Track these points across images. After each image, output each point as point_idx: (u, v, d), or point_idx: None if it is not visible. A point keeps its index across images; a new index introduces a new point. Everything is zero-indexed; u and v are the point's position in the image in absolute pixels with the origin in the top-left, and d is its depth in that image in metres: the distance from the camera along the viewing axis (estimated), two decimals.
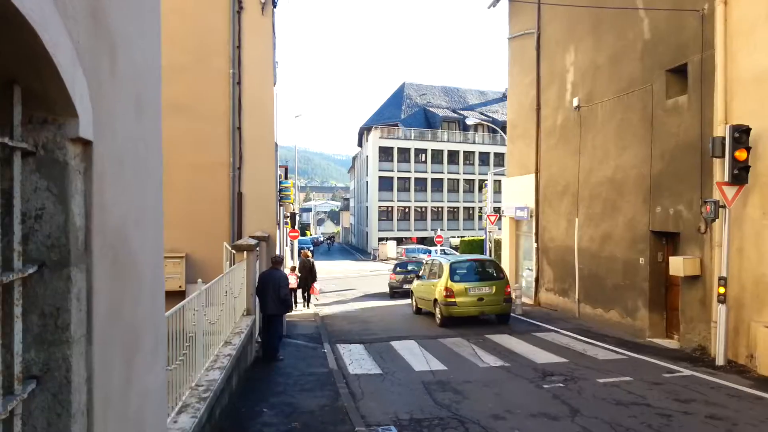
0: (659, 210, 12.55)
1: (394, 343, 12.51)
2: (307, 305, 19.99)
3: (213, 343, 7.21)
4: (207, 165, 12.73)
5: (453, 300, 14.57)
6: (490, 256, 25.85)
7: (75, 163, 2.19)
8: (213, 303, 7.25)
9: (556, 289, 17.69)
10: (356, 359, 11.10)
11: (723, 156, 10.26)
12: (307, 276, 19.94)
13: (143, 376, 3.12)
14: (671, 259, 11.70)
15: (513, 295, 16.07)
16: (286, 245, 26.28)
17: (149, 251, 3.34)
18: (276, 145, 14.60)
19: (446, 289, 14.66)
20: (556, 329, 14.10)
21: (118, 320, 2.65)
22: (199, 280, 6.11)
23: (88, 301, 2.28)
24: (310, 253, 22.57)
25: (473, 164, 64.10)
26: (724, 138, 10.26)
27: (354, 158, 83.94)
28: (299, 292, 19.96)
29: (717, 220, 10.38)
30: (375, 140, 60.91)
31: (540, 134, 18.80)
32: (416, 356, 11.20)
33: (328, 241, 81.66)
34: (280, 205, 16.86)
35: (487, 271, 15.85)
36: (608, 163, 14.68)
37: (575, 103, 16.29)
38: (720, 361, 10.06)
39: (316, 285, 21.20)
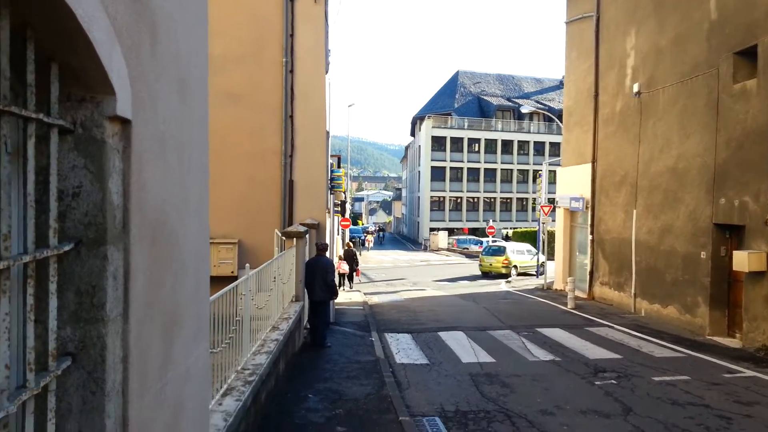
0: (723, 201, 11.93)
1: (442, 334, 12.40)
2: (351, 286, 22.80)
3: (261, 327, 7.29)
4: (260, 153, 12.90)
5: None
6: (543, 247, 25.35)
7: (113, 141, 2.19)
8: (261, 288, 7.32)
9: (611, 283, 17.14)
10: (403, 348, 11.05)
11: None
12: (351, 264, 22.66)
13: (184, 358, 3.14)
14: (735, 253, 11.11)
15: (565, 288, 15.68)
16: (338, 233, 26.47)
17: (193, 234, 3.35)
18: (328, 133, 14.64)
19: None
20: (609, 324, 13.67)
21: (157, 301, 2.66)
22: (247, 265, 6.17)
23: (126, 281, 2.28)
24: (352, 244, 25.96)
25: (528, 154, 62.84)
26: None
27: (406, 148, 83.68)
28: (345, 277, 22.56)
29: None
30: (428, 130, 60.50)
31: (598, 122, 18.18)
32: (464, 347, 11.06)
33: (380, 231, 71.92)
34: (331, 194, 16.95)
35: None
36: (669, 152, 14.05)
37: (635, 88, 15.65)
38: None
39: (360, 269, 25.17)
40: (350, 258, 22.89)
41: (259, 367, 6.02)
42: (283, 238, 10.07)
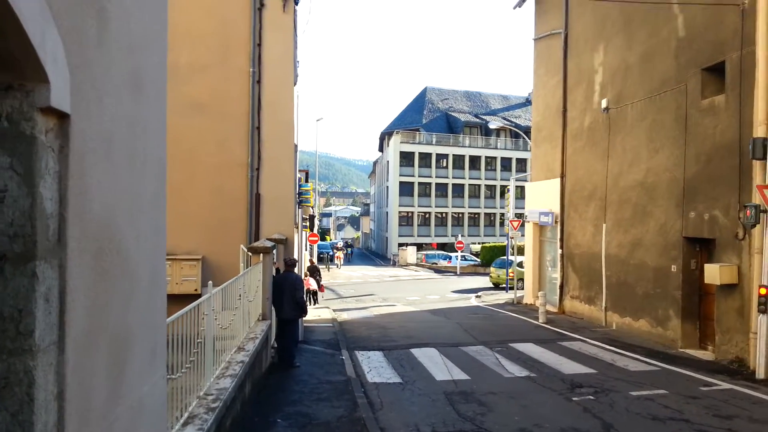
0: (693, 215, 11.99)
1: (414, 351, 12.09)
2: (314, 303, 22.32)
3: (225, 348, 6.88)
4: (226, 165, 12.48)
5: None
6: (512, 262, 25.40)
7: (46, 138, 1.85)
8: (226, 307, 6.93)
9: (582, 297, 17.12)
10: (375, 367, 10.71)
11: (764, 158, 9.73)
12: (314, 279, 22.75)
13: (136, 387, 2.77)
14: (707, 266, 11.13)
15: (535, 302, 15.62)
16: (306, 249, 26.00)
17: (146, 247, 2.99)
18: (296, 146, 14.31)
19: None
20: (582, 338, 13.57)
21: (103, 325, 2.30)
22: (210, 282, 5.78)
23: (61, 303, 1.92)
24: (315, 260, 27.15)
25: (495, 170, 63.39)
26: (765, 139, 9.75)
27: (375, 163, 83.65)
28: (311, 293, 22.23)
29: (757, 225, 9.80)
30: (396, 145, 60.56)
31: (566, 137, 18.27)
32: (437, 365, 10.77)
33: (348, 248, 67.77)
34: (299, 208, 16.58)
35: None
36: (639, 167, 14.13)
37: (604, 104, 15.76)
38: (761, 374, 9.47)
39: (323, 284, 25.01)
40: (313, 273, 23.03)
41: (224, 391, 5.62)
42: (249, 253, 9.68)
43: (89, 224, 2.11)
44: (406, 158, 60.77)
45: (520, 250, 25.03)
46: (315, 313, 18.39)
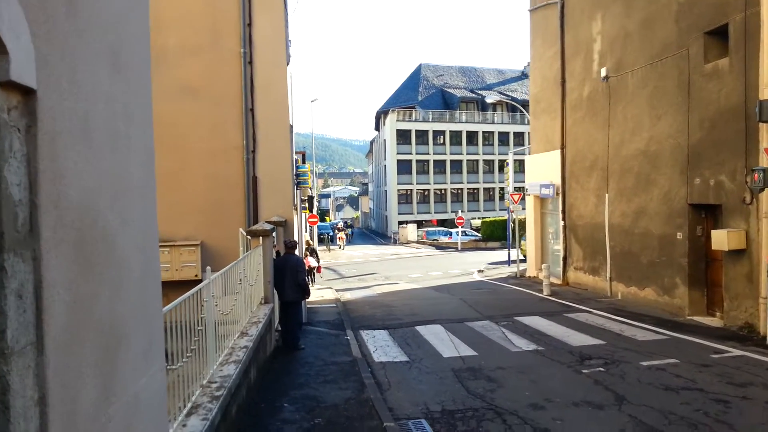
0: (698, 181, 11.80)
1: (420, 328, 12.00)
2: (312, 283, 21.81)
3: (228, 334, 6.75)
4: (221, 149, 12.24)
5: None
6: (513, 236, 25.20)
7: (10, 117, 1.65)
8: (227, 292, 6.78)
9: (586, 268, 17.01)
10: (381, 346, 10.61)
11: None
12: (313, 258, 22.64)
13: (131, 382, 2.61)
14: (714, 232, 10.98)
15: (539, 275, 15.51)
16: (306, 231, 25.87)
17: (135, 234, 2.80)
18: (291, 127, 14.05)
19: None
20: (588, 309, 13.47)
21: (89, 320, 2.13)
22: (208, 268, 5.61)
23: (37, 299, 1.74)
24: (311, 241, 26.43)
25: (493, 144, 63.01)
26: None
27: (371, 142, 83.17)
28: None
29: (765, 189, 9.62)
30: (392, 123, 60.12)
31: (565, 108, 18.00)
32: (443, 341, 10.67)
33: (349, 228, 62.94)
34: (297, 189, 16.38)
35: None
36: (641, 135, 13.90)
37: (603, 73, 15.47)
38: None
39: (320, 264, 24.43)
40: (312, 254, 22.80)
41: (228, 378, 5.49)
42: (249, 237, 9.51)
43: (66, 211, 1.93)
44: (402, 136, 60.36)
45: (522, 224, 24.90)
46: (318, 294, 18.30)
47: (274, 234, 10.64)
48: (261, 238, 9.58)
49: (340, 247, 45.48)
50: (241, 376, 6.10)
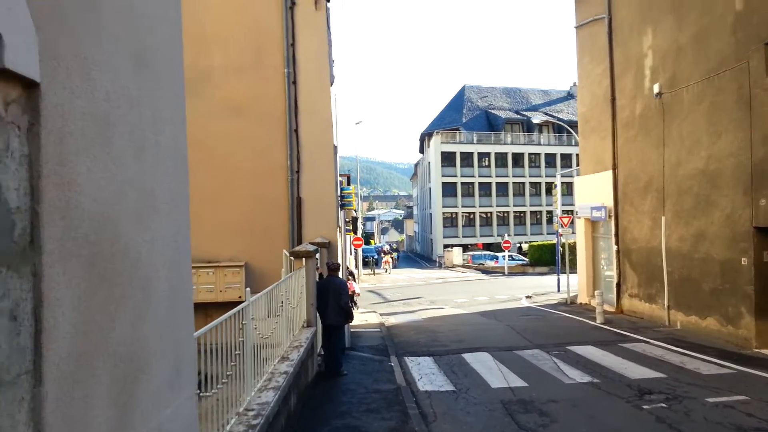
0: (764, 202, 11.06)
1: (466, 356, 11.54)
2: (356, 307, 21.14)
3: (268, 358, 6.52)
4: (265, 170, 12.22)
5: None
6: (562, 260, 24.37)
7: (7, 112, 1.47)
8: (268, 315, 6.57)
9: (641, 295, 16.20)
10: (426, 374, 10.21)
11: None
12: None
13: (153, 413, 2.37)
14: None
15: (590, 301, 14.82)
16: (350, 253, 25.73)
17: (164, 252, 2.59)
18: (335, 148, 13.96)
19: None
20: (645, 339, 12.74)
21: (103, 344, 1.89)
22: (247, 289, 5.41)
23: (36, 320, 1.52)
24: (352, 264, 27.02)
25: (539, 166, 61.94)
26: None
27: (416, 165, 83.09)
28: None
29: None
30: (437, 146, 59.90)
31: (616, 127, 17.40)
32: (491, 370, 10.20)
33: (393, 253, 59.11)
34: (342, 211, 16.24)
35: None
36: (698, 154, 13.22)
37: (656, 89, 14.87)
38: None
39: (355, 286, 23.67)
40: (349, 275, 22.49)
41: (266, 406, 5.23)
42: (292, 258, 9.33)
43: (77, 222, 1.72)
44: (447, 158, 60.03)
45: (571, 249, 24.10)
46: (362, 318, 18.02)
47: (317, 256, 10.46)
48: (304, 259, 9.40)
49: (386, 271, 44.99)
50: (281, 403, 5.84)
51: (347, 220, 19.46)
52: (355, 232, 27.71)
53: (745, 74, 11.60)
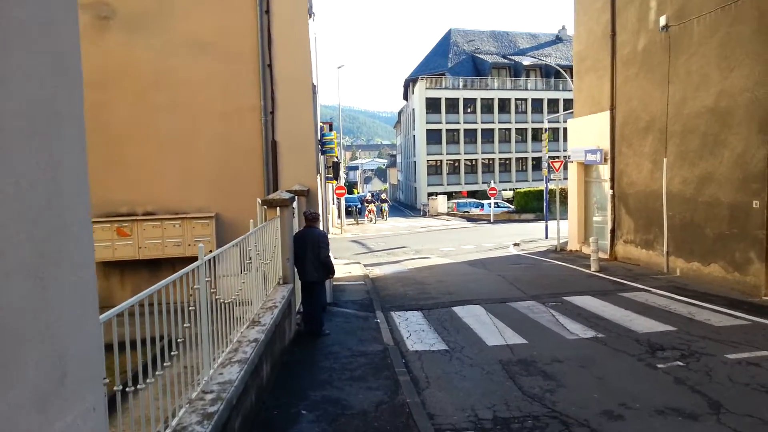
0: None
1: (457, 309, 10.76)
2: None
3: (234, 324, 5.58)
4: (235, 111, 11.02)
5: None
6: (551, 207, 23.59)
7: None
8: (233, 273, 5.60)
9: (638, 241, 15.47)
10: (415, 331, 9.41)
11: None
12: None
13: None
14: None
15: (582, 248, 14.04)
16: (332, 203, 24.69)
17: (20, 197, 1.58)
18: (315, 87, 12.73)
19: None
20: (645, 288, 12.04)
21: None
22: (200, 245, 4.40)
23: None
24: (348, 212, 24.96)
25: (525, 112, 60.64)
26: None
27: (400, 113, 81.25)
28: None
29: None
30: (421, 92, 58.21)
31: (615, 64, 16.27)
32: (486, 326, 9.41)
33: (382, 202, 47.84)
34: (322, 157, 15.11)
35: None
36: (708, 90, 12.22)
37: (662, 22, 13.70)
38: None
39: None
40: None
41: (228, 386, 4.31)
42: (264, 207, 8.31)
43: None
44: (432, 105, 58.47)
45: (561, 194, 23.28)
46: (345, 270, 17.16)
47: (294, 204, 9.45)
48: (278, 208, 8.37)
49: (371, 221, 43.16)
50: (249, 376, 4.94)
51: (328, 166, 18.34)
52: (337, 179, 26.60)
53: (766, 1, 10.50)
